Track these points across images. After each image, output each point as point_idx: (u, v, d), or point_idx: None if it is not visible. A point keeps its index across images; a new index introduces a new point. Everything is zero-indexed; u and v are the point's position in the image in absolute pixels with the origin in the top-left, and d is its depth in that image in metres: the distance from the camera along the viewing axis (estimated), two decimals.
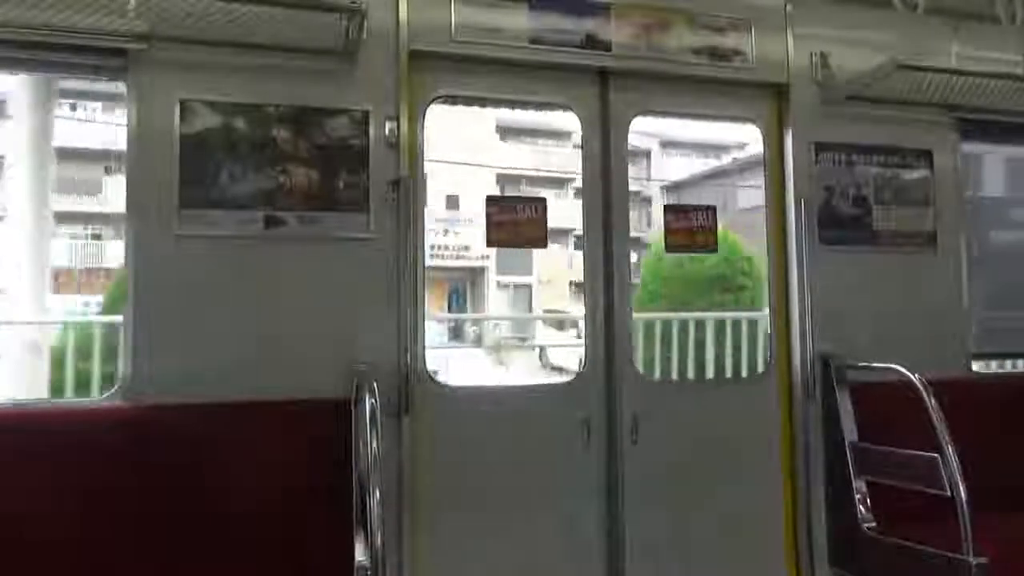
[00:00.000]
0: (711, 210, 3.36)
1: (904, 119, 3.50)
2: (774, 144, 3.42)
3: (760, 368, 5.78)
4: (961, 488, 2.59)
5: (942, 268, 3.54)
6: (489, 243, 3.07)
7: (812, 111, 3.39)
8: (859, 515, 3.06)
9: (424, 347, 2.91)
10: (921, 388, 2.78)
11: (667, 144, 26.66)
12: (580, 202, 3.22)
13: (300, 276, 2.75)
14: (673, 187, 23.82)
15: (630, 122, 3.26)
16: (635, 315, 3.58)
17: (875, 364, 3.12)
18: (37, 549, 2.32)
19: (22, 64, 2.73)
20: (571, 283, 20.47)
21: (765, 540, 3.27)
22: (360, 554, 2.22)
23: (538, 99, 3.29)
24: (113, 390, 2.60)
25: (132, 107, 2.63)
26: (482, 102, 3.35)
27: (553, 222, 3.13)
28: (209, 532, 2.46)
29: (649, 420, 3.12)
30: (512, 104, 3.45)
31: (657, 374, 6.45)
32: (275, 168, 2.74)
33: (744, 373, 6.64)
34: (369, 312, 2.80)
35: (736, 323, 6.90)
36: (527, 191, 22.40)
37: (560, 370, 10.79)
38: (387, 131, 2.84)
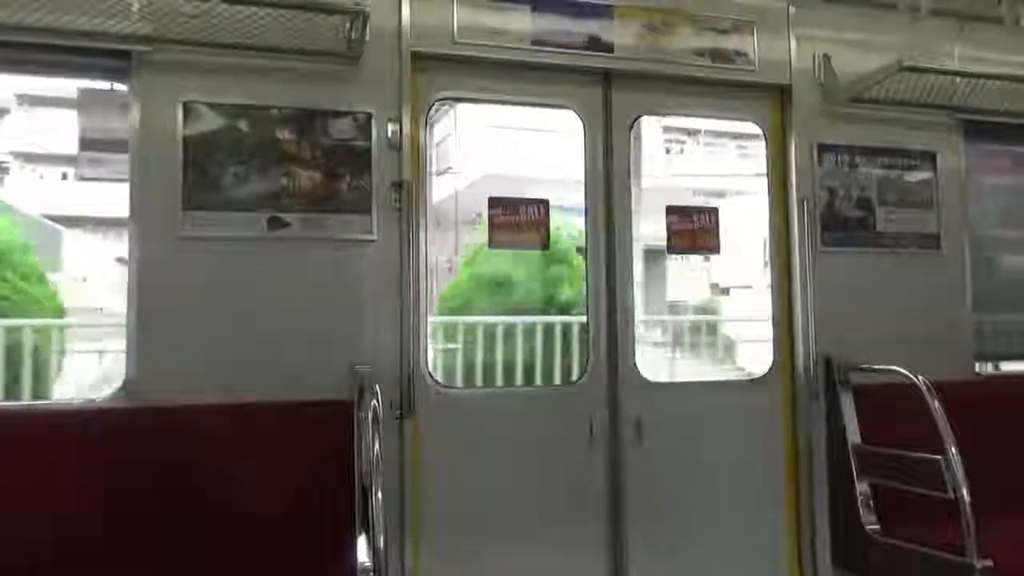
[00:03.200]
0: (713, 212, 3.36)
1: (907, 121, 3.49)
2: (777, 146, 3.42)
3: None
4: (964, 490, 2.58)
5: (946, 270, 3.53)
6: (491, 244, 3.07)
7: (815, 112, 3.39)
8: (862, 517, 3.05)
9: (427, 349, 2.91)
10: (924, 390, 2.78)
11: None
12: None
13: (303, 277, 2.75)
14: None
15: (632, 124, 3.25)
16: None
17: (878, 366, 3.12)
18: (39, 549, 2.33)
19: (25, 66, 2.74)
20: None
21: (769, 541, 3.26)
22: (362, 556, 2.21)
23: (540, 100, 3.29)
24: (116, 391, 2.61)
25: (135, 109, 2.64)
26: (475, 102, 3.34)
27: None
28: (211, 533, 2.47)
29: (652, 422, 3.12)
30: (514, 105, 3.44)
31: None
32: (278, 170, 2.74)
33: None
34: (371, 314, 2.80)
35: None
36: None
37: None
38: (390, 133, 2.85)
